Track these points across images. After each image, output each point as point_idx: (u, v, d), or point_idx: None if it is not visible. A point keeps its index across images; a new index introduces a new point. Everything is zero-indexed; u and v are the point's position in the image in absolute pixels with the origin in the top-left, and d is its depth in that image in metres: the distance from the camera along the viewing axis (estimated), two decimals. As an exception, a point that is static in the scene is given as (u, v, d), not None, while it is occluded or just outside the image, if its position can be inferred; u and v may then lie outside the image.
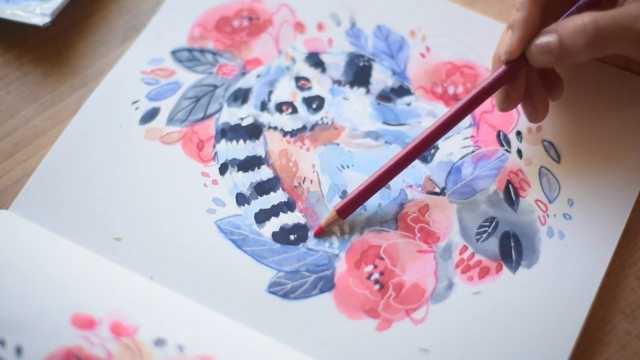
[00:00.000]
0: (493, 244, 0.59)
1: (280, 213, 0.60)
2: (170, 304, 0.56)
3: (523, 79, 0.59)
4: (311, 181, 0.61)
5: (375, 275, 0.58)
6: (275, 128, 0.63)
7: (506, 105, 0.59)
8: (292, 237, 0.59)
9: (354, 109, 0.64)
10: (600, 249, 0.58)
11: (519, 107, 0.61)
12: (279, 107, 0.64)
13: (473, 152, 0.62)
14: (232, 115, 0.63)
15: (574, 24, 0.55)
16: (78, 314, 0.55)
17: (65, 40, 0.67)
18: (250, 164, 0.62)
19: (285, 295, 0.57)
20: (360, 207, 0.59)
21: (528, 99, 0.60)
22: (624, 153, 0.61)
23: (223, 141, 0.62)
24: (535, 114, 0.60)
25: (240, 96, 0.64)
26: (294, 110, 0.64)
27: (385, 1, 0.68)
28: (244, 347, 0.55)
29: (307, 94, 0.64)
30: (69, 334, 0.54)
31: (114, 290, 0.56)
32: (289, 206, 0.60)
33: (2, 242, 0.57)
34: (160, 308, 0.56)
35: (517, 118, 0.63)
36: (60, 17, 0.66)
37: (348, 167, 0.61)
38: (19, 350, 0.53)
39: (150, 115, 0.63)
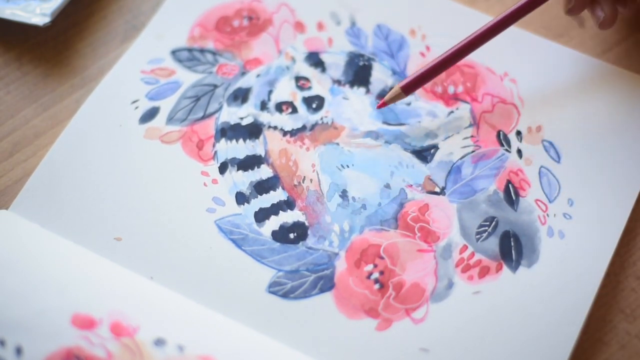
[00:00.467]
0: (493, 243, 0.59)
1: (280, 211, 0.60)
2: (170, 304, 0.56)
3: None
4: (311, 180, 0.61)
5: (375, 275, 0.58)
6: (275, 128, 0.63)
7: (572, 6, 0.62)
8: (291, 235, 0.59)
9: (353, 108, 0.64)
10: (600, 249, 0.58)
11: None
12: (279, 107, 0.64)
13: (473, 151, 0.62)
14: (231, 114, 0.63)
15: None
16: (78, 314, 0.55)
17: (65, 40, 0.67)
18: (250, 163, 0.62)
19: (285, 295, 0.57)
20: (360, 205, 0.59)
21: (597, 4, 0.61)
22: (624, 153, 0.61)
23: (223, 140, 0.62)
24: (604, 19, 0.61)
25: (240, 96, 0.64)
26: (294, 110, 0.64)
27: (385, 0, 0.67)
28: (244, 347, 0.55)
29: (307, 93, 0.64)
30: (69, 334, 0.54)
31: (114, 290, 0.56)
32: (288, 205, 0.60)
33: (2, 242, 0.57)
34: (160, 308, 0.56)
35: (517, 118, 0.63)
36: (60, 17, 0.66)
37: (348, 166, 0.61)
38: (19, 350, 0.53)
39: (150, 115, 0.63)
